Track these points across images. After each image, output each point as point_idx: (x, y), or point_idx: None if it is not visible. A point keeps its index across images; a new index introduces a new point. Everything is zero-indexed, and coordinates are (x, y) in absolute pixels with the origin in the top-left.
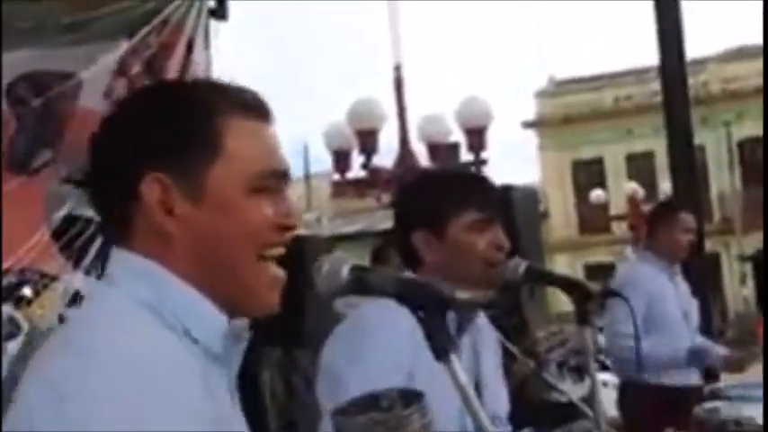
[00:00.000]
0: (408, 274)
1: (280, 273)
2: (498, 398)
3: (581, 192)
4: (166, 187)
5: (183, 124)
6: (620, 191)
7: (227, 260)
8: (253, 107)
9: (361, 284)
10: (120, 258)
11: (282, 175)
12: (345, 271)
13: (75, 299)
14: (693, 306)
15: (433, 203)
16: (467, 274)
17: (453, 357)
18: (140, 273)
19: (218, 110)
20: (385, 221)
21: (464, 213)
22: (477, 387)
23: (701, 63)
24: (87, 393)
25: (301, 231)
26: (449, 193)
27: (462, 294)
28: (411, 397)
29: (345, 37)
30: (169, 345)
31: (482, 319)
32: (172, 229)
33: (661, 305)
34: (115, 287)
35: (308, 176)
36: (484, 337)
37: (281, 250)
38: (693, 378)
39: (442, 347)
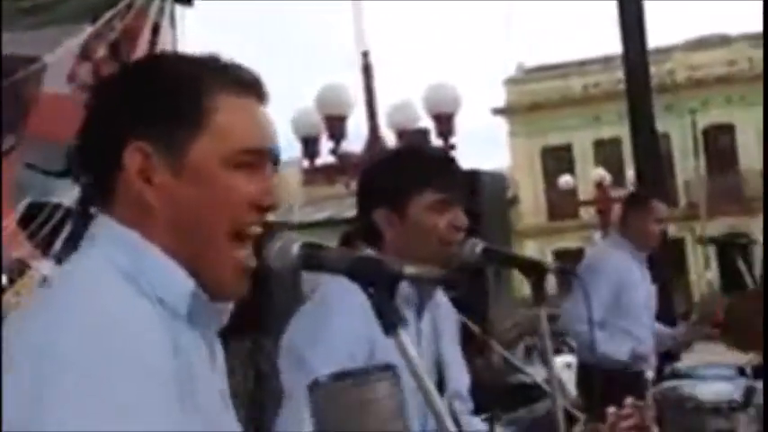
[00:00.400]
0: (368, 252)
1: (251, 259)
2: (459, 375)
3: (550, 178)
4: (147, 156)
5: (170, 96)
6: (588, 177)
7: (202, 233)
8: (245, 84)
9: (311, 261)
10: (102, 223)
11: (266, 154)
12: (296, 248)
13: None
14: (653, 293)
15: (395, 182)
16: (425, 252)
17: (402, 332)
18: (119, 239)
19: (207, 84)
20: (354, 209)
21: (425, 193)
22: (439, 364)
23: (667, 51)
24: (59, 351)
25: (269, 219)
26: (410, 173)
27: (411, 270)
28: (384, 369)
29: (313, 23)
30: (141, 309)
31: (441, 297)
32: (150, 198)
33: (629, 293)
34: (96, 248)
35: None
36: (443, 315)
37: (257, 230)
38: (650, 363)
39: (391, 322)
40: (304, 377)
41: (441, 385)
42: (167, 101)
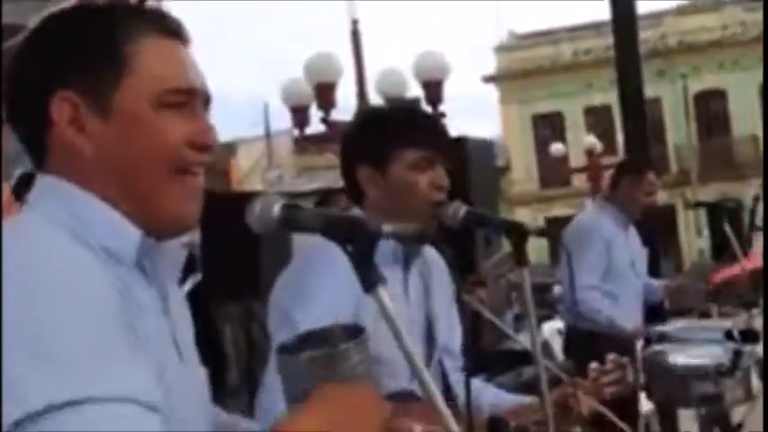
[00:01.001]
0: (354, 210)
1: (196, 184)
2: (452, 332)
3: (541, 146)
4: (76, 106)
5: (91, 43)
6: (579, 144)
7: (139, 176)
8: (166, 27)
9: (291, 222)
10: (39, 183)
11: (195, 93)
12: (276, 209)
13: None
14: (642, 255)
15: (377, 140)
16: (406, 211)
17: (382, 290)
18: (55, 193)
19: (128, 29)
20: None
21: (407, 151)
22: (429, 320)
23: (659, 16)
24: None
25: (261, 189)
26: (393, 130)
27: (388, 227)
28: (353, 332)
29: None
30: (83, 258)
31: (431, 254)
32: (83, 146)
33: (614, 256)
34: (31, 210)
35: (268, 134)
36: (433, 271)
37: (198, 168)
38: (636, 323)
39: (370, 280)
40: (287, 334)
41: (431, 340)
42: (88, 48)
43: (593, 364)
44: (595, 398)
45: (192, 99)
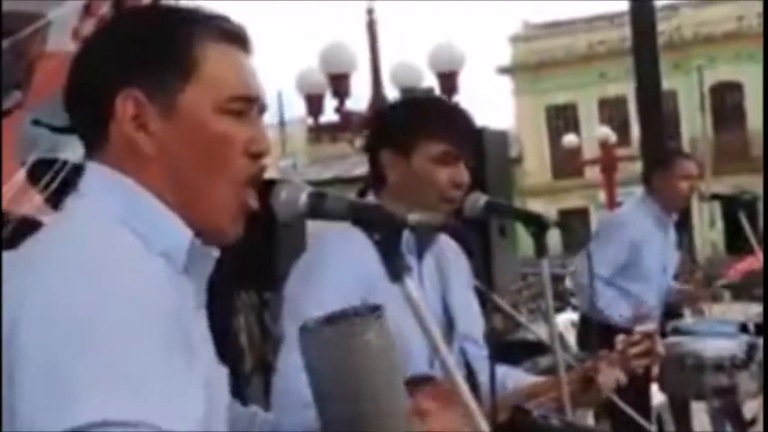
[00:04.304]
0: (371, 198)
1: (249, 200)
2: (471, 320)
3: (554, 137)
4: (140, 104)
5: (160, 44)
6: (592, 136)
7: (194, 180)
8: (231, 34)
9: (317, 210)
10: (93, 171)
11: (254, 102)
12: (303, 197)
13: None
14: (674, 260)
15: (404, 125)
16: (421, 203)
17: (407, 278)
18: (111, 185)
19: (196, 33)
20: (359, 167)
21: (433, 144)
22: (447, 309)
23: (674, 8)
24: (45, 303)
25: (274, 177)
26: (421, 119)
27: (415, 217)
28: (371, 310)
29: None
30: (148, 264)
31: (448, 242)
32: (144, 144)
33: (642, 257)
34: (85, 199)
35: (282, 123)
36: (449, 259)
37: (251, 175)
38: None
39: (397, 269)
40: (296, 322)
41: (450, 328)
42: (158, 49)
43: (621, 336)
44: (623, 370)
45: (252, 107)
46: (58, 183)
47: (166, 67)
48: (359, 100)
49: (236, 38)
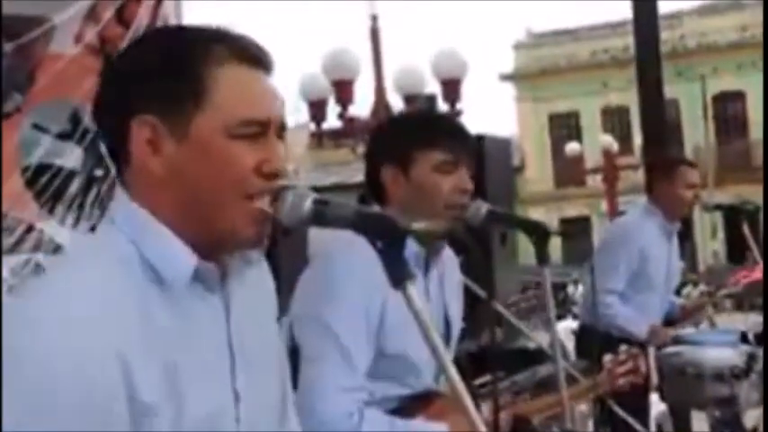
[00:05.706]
0: (375, 208)
1: (265, 208)
2: (459, 326)
3: (557, 145)
4: (155, 128)
5: (173, 70)
6: (595, 144)
7: (205, 200)
8: (248, 55)
9: (321, 217)
10: (120, 198)
11: (269, 124)
12: (308, 203)
13: (57, 249)
14: (677, 271)
15: (403, 140)
16: (428, 213)
17: (410, 286)
18: (130, 218)
19: (210, 56)
20: (361, 174)
21: (431, 154)
22: (447, 319)
23: (678, 17)
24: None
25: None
26: (419, 132)
27: (418, 225)
28: None
29: None
30: (128, 282)
31: (447, 252)
32: (157, 168)
33: (649, 267)
34: (112, 226)
35: (284, 128)
36: (448, 269)
37: (265, 195)
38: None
39: (399, 276)
40: (326, 338)
41: (447, 339)
42: (171, 75)
43: (608, 356)
44: (610, 388)
45: (265, 129)
46: (53, 189)
47: (179, 93)
48: (362, 106)
49: (252, 58)
